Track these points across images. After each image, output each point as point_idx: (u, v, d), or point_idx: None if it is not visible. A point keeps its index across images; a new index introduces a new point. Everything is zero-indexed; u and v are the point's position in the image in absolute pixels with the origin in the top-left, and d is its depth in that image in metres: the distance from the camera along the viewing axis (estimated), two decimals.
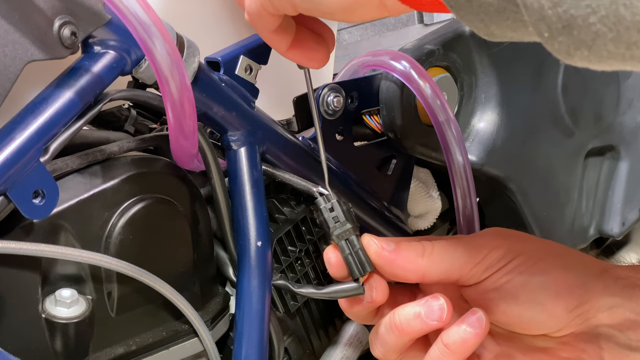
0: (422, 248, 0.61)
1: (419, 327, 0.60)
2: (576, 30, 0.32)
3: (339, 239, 0.61)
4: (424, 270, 0.60)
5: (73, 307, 0.57)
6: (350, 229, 0.61)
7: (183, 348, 0.65)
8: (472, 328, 0.59)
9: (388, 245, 0.61)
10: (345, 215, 0.62)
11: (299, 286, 0.67)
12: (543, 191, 0.91)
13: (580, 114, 0.93)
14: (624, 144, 1.01)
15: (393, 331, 0.61)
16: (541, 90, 0.88)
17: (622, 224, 1.02)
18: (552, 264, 0.60)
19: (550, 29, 0.33)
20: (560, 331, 0.60)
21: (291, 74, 0.79)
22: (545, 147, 0.90)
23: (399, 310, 0.61)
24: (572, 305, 0.59)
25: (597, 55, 0.32)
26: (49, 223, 0.56)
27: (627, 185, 1.02)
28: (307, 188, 0.67)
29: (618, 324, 0.59)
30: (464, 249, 0.61)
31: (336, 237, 0.61)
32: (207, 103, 0.64)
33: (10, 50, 0.51)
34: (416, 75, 0.73)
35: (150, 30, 0.54)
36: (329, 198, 0.62)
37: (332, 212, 0.62)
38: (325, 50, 0.59)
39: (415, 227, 0.89)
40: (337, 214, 0.62)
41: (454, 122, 0.75)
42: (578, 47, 0.32)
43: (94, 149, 0.61)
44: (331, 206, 0.62)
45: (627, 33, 0.30)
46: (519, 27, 0.35)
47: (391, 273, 0.61)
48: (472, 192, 0.76)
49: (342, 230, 0.61)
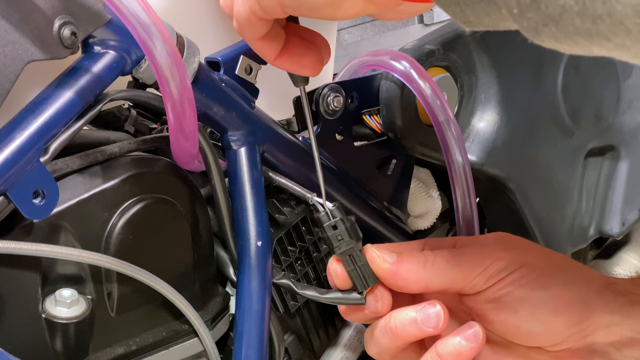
0: (424, 259, 0.61)
1: (414, 332, 0.60)
2: (544, 4, 0.32)
3: (343, 255, 0.61)
4: (426, 281, 0.61)
5: (73, 307, 0.57)
6: (354, 245, 0.61)
7: (183, 348, 0.65)
8: (468, 342, 0.60)
9: (390, 257, 0.61)
10: (348, 232, 0.61)
11: (302, 287, 0.67)
12: (543, 191, 0.90)
13: (580, 114, 0.93)
14: (624, 144, 1.01)
15: (388, 334, 0.61)
16: (541, 90, 0.88)
17: (622, 224, 1.02)
18: (554, 279, 0.60)
19: (519, 4, 0.33)
20: (556, 346, 0.60)
21: None
22: (545, 147, 0.90)
23: (396, 314, 0.61)
24: (571, 322, 0.59)
25: (564, 32, 0.32)
26: (49, 223, 0.56)
27: (627, 185, 1.02)
28: (303, 195, 0.67)
29: (615, 342, 0.59)
30: (466, 259, 0.61)
31: (340, 255, 0.61)
32: (207, 103, 0.64)
33: (10, 50, 0.51)
34: (416, 75, 0.73)
35: (150, 31, 0.54)
36: (333, 214, 0.61)
37: (336, 230, 0.61)
38: (316, 56, 0.57)
39: (415, 227, 0.89)
40: (341, 232, 0.61)
41: (454, 122, 0.75)
42: (546, 22, 0.32)
43: (94, 149, 0.61)
44: (334, 224, 0.61)
45: (592, 5, 0.30)
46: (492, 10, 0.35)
47: (394, 285, 0.61)
48: (472, 192, 0.76)
49: (346, 248, 0.61)
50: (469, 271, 0.60)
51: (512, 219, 0.89)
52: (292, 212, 0.74)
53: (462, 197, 0.75)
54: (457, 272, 0.60)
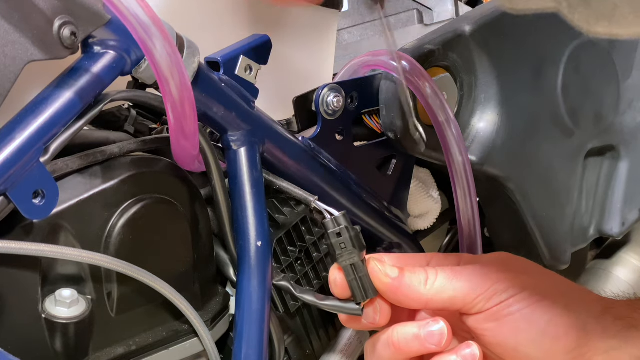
0: (425, 277, 0.61)
1: (417, 348, 0.61)
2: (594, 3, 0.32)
3: (345, 264, 0.61)
4: (426, 300, 0.61)
5: (73, 307, 0.57)
6: (356, 255, 0.61)
7: (183, 348, 0.65)
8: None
9: (392, 271, 0.61)
10: (352, 241, 0.61)
11: (301, 290, 0.67)
12: (543, 191, 0.90)
13: (580, 114, 0.93)
14: (624, 144, 1.01)
15: (390, 348, 0.62)
16: (541, 90, 0.88)
17: (622, 224, 1.01)
18: (554, 303, 0.60)
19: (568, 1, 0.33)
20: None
21: (291, 74, 0.80)
22: (545, 147, 0.90)
23: (399, 329, 0.62)
24: (570, 347, 0.59)
25: (618, 25, 0.32)
26: (49, 223, 0.56)
27: (627, 185, 1.02)
28: (305, 199, 0.67)
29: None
30: (468, 279, 0.61)
31: (342, 262, 0.61)
32: (207, 103, 0.64)
33: (10, 50, 0.51)
34: (416, 75, 0.73)
35: (150, 31, 0.54)
36: (338, 222, 0.61)
37: (339, 238, 0.61)
38: None
39: (415, 227, 0.89)
40: (344, 240, 0.61)
41: (454, 122, 0.75)
42: (598, 18, 0.32)
43: (95, 150, 0.61)
44: (339, 231, 0.61)
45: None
46: None
47: (394, 300, 0.62)
48: (473, 191, 0.76)
49: (349, 256, 0.61)
50: (470, 291, 0.60)
51: (512, 219, 0.89)
52: (292, 212, 0.73)
53: (463, 197, 0.75)
54: (458, 292, 0.60)
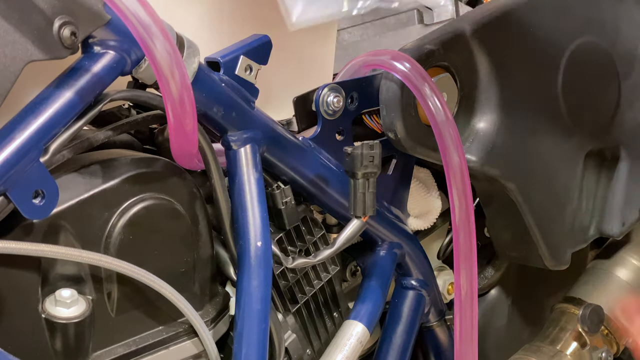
0: None
1: None
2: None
3: (363, 175, 0.67)
4: None
5: (73, 307, 0.57)
6: (377, 171, 0.68)
7: (183, 348, 0.65)
8: None
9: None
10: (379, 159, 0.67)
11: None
12: (543, 191, 0.90)
13: (580, 114, 0.93)
14: (623, 144, 1.01)
15: None
16: (541, 90, 0.88)
17: (622, 224, 1.02)
18: None
19: None
20: None
21: (291, 74, 0.79)
22: (545, 147, 0.90)
23: None
24: None
25: None
26: (49, 223, 0.56)
27: (627, 185, 1.02)
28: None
29: None
30: None
31: (362, 174, 0.67)
32: (207, 103, 0.64)
33: (10, 50, 0.52)
34: (416, 75, 0.73)
35: (151, 30, 0.54)
36: (373, 147, 0.67)
37: (372, 151, 0.67)
38: None
39: (415, 227, 0.89)
40: (375, 154, 0.67)
41: (452, 122, 0.75)
42: None
43: (79, 139, 0.60)
44: (373, 144, 0.67)
45: None
46: None
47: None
48: (469, 192, 0.75)
49: (371, 169, 0.67)
50: None
51: (512, 219, 0.89)
52: (293, 212, 0.73)
53: (458, 198, 0.75)
54: None
